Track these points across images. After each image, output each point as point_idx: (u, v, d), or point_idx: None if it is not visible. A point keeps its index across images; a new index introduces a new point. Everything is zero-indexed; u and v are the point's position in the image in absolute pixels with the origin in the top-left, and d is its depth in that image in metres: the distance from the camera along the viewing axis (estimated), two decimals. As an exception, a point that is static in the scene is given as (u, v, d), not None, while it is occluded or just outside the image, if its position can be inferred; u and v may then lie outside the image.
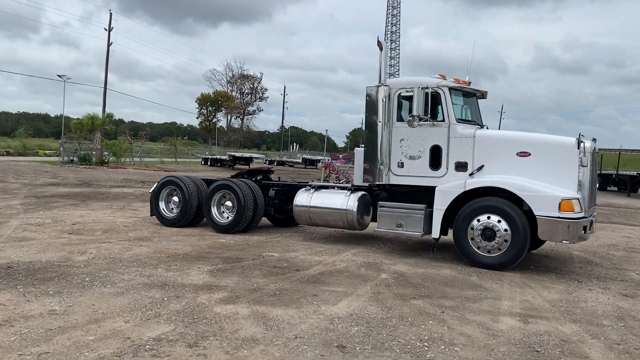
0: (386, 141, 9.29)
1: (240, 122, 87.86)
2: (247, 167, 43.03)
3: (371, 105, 9.31)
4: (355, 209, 9.51)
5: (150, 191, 11.84)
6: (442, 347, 4.85)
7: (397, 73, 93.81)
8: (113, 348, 4.40)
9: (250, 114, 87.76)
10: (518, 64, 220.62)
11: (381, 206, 9.32)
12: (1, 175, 25.27)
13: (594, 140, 8.75)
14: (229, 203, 10.78)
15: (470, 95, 9.72)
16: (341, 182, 12.03)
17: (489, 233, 8.24)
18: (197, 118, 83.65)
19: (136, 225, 11.29)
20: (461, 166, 8.89)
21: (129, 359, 4.23)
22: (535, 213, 7.95)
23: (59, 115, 74.10)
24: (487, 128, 9.98)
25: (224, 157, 46.14)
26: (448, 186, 8.70)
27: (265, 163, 56.05)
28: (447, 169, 8.98)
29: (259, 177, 12.14)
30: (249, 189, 10.67)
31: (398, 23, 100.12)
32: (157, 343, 4.57)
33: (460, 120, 9.14)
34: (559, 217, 7.80)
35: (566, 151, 8.22)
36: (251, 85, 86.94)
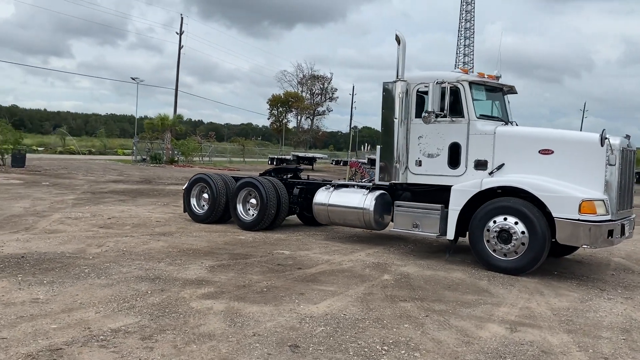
0: (403, 138, 9.01)
1: (310, 122, 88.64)
2: (310, 167, 43.32)
3: (388, 101, 9.06)
4: (372, 208, 9.29)
5: (184, 188, 12.14)
6: (403, 352, 4.61)
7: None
8: (67, 337, 4.52)
9: (320, 115, 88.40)
10: (606, 59, 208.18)
11: (398, 206, 9.05)
12: (73, 172, 26.86)
13: (628, 137, 8.07)
14: (253, 200, 10.85)
15: (496, 90, 9.24)
16: (364, 180, 11.79)
17: (505, 235, 7.79)
18: (268, 119, 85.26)
19: (168, 221, 11.61)
20: (481, 164, 8.47)
21: (76, 347, 4.31)
22: (554, 215, 7.43)
23: (143, 116, 78.17)
24: (516, 124, 9.46)
25: (288, 157, 46.70)
26: (464, 185, 8.31)
27: (332, 163, 56.20)
28: (466, 167, 8.58)
29: (289, 175, 12.15)
30: (272, 186, 10.69)
31: (472, 19, 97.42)
32: (113, 334, 4.64)
33: (482, 117, 8.72)
34: (579, 220, 7.24)
35: (591, 149, 7.62)
36: (321, 86, 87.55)
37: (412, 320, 5.47)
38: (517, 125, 9.49)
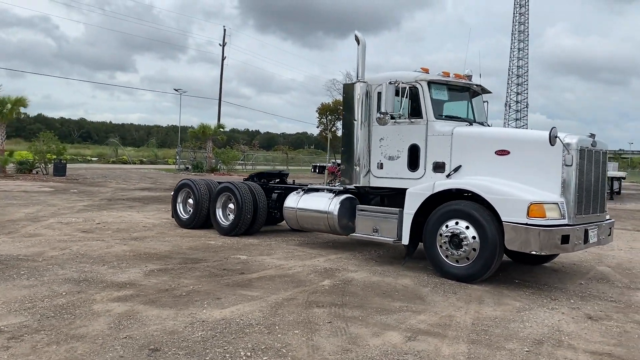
0: (363, 141, 8.77)
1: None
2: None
3: (348, 103, 8.86)
4: (336, 213, 9.07)
5: (172, 193, 12.30)
6: (265, 358, 4.42)
7: (525, 74, 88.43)
8: (-62, 335, 4.60)
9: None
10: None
11: (360, 210, 8.80)
12: (109, 180, 27.88)
13: (592, 135, 7.53)
14: (232, 205, 10.84)
15: (463, 90, 8.85)
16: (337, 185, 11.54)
17: (456, 240, 7.41)
18: (317, 127, 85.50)
19: (156, 226, 11.78)
20: (439, 167, 8.12)
21: (-63, 345, 4.39)
22: (502, 219, 7.00)
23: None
24: (489, 125, 9.05)
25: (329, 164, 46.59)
26: (417, 188, 7.97)
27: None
28: (425, 169, 8.26)
29: (276, 180, 12.09)
30: (249, 191, 10.65)
31: (527, 22, 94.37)
32: (-15, 333, 4.70)
33: (444, 117, 8.37)
34: (527, 224, 6.79)
35: (545, 149, 7.14)
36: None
37: (309, 327, 5.26)
38: (489, 125, 9.07)
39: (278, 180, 12.12)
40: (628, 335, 5.43)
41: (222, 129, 45.43)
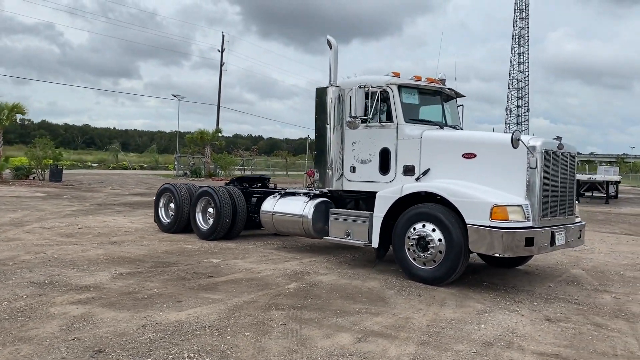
0: (336, 145, 8.81)
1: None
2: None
3: (320, 107, 8.91)
4: (310, 216, 9.09)
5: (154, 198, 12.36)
6: (208, 359, 4.45)
7: (526, 79, 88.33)
8: None
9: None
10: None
11: (333, 213, 8.82)
12: (105, 186, 27.97)
13: (558, 138, 7.55)
14: (211, 210, 10.88)
15: (436, 94, 8.89)
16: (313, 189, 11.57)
17: (423, 243, 7.43)
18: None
19: (137, 231, 11.83)
20: (409, 170, 8.16)
21: None
22: (466, 221, 7.01)
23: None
24: (460, 129, 9.08)
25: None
26: (386, 191, 8.00)
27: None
28: (396, 173, 8.30)
29: (258, 185, 12.14)
30: (227, 195, 10.69)
31: (527, 26, 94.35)
32: None
33: (414, 121, 8.40)
34: (489, 227, 6.80)
35: (509, 151, 7.16)
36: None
37: (261, 329, 5.28)
38: (461, 129, 9.11)
39: (260, 184, 12.16)
40: (581, 337, 5.44)
41: (220, 134, 45.53)
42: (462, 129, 9.14)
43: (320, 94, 8.89)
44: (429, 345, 4.99)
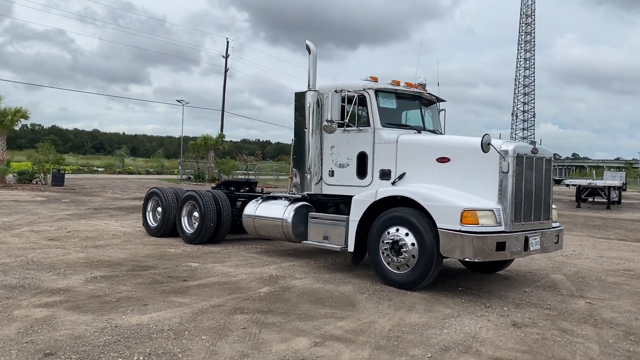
0: (315, 149, 8.82)
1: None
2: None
3: (299, 111, 8.92)
4: (290, 220, 9.09)
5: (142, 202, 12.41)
6: (156, 362, 4.47)
7: (532, 84, 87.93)
8: None
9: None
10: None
11: (312, 217, 8.82)
12: (106, 190, 28.14)
13: (533, 142, 7.51)
14: (196, 214, 10.91)
15: (414, 98, 8.88)
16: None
17: (397, 247, 7.41)
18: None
19: (125, 235, 11.89)
20: (385, 174, 8.16)
21: None
22: (438, 225, 6.99)
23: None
24: (441, 134, 9.07)
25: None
26: (362, 195, 8.00)
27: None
28: (373, 177, 8.29)
29: (246, 189, 12.17)
30: (212, 199, 10.72)
31: (533, 32, 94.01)
32: None
33: (391, 125, 8.39)
34: (460, 231, 6.77)
35: (482, 156, 7.13)
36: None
37: (220, 333, 5.28)
38: (441, 134, 9.10)
39: (248, 188, 12.19)
40: (543, 342, 5.39)
41: (223, 139, 45.68)
42: (442, 134, 9.13)
43: (299, 98, 8.91)
44: (384, 350, 4.97)
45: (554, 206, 8.12)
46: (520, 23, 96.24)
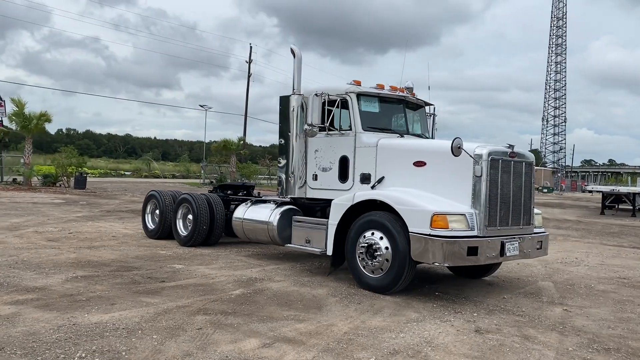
0: (298, 152, 8.84)
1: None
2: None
3: (284, 115, 8.96)
4: (276, 223, 9.13)
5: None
6: (97, 359, 4.55)
7: (563, 88, 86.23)
8: None
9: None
10: None
11: (295, 221, 8.84)
12: (124, 193, 28.67)
13: (510, 146, 7.39)
14: (190, 216, 11.05)
15: (399, 102, 8.83)
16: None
17: (372, 251, 7.38)
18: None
19: (124, 237, 12.12)
20: (366, 178, 8.14)
21: None
22: (409, 229, 6.93)
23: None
24: (428, 138, 9.00)
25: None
26: (341, 199, 7.99)
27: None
28: (354, 181, 8.28)
29: (243, 192, 12.27)
30: (205, 202, 10.84)
31: (564, 35, 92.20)
32: None
33: (372, 129, 8.36)
34: (429, 235, 6.71)
35: (455, 159, 7.05)
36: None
37: (172, 332, 5.34)
38: (428, 138, 9.03)
39: (245, 192, 12.28)
40: (499, 349, 5.29)
41: (243, 143, 46.05)
42: (429, 138, 9.05)
43: (284, 102, 8.95)
44: (330, 353, 4.96)
45: (537, 211, 7.96)
46: (551, 26, 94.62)
